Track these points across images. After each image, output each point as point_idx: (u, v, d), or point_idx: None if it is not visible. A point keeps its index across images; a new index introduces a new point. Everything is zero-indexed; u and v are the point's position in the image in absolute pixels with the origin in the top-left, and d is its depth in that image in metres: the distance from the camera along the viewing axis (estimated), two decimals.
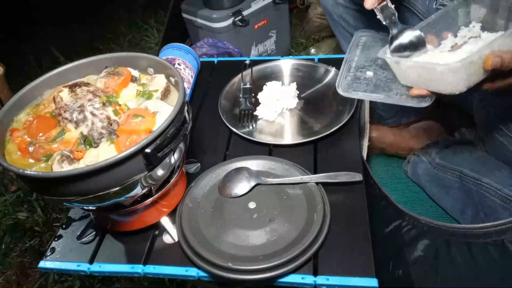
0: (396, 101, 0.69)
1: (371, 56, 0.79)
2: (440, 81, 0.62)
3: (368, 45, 0.82)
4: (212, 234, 0.60)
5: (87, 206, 0.57)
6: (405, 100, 0.68)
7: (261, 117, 0.82)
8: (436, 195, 1.06)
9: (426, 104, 0.66)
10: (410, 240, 0.79)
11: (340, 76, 0.75)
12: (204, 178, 0.69)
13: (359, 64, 0.78)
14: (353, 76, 0.76)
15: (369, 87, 0.73)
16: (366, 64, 0.78)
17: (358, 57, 0.79)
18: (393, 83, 0.72)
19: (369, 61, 0.78)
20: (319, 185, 0.65)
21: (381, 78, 0.74)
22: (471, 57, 0.59)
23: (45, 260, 0.64)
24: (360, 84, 0.74)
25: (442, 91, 0.64)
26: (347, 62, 0.78)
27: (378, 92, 0.71)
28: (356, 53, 0.80)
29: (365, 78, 0.75)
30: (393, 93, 0.70)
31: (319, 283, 0.55)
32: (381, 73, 0.75)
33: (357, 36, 0.84)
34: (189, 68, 0.90)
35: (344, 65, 0.77)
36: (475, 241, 0.72)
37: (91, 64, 0.66)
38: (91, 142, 0.54)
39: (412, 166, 1.13)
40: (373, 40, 0.82)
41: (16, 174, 0.48)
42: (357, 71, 0.77)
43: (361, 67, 0.77)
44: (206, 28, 1.52)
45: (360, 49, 0.81)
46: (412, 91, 0.67)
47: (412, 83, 0.68)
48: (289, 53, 1.77)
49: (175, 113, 0.52)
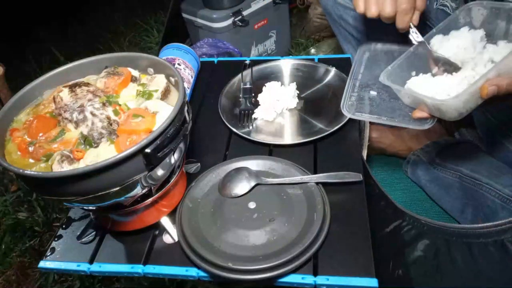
0: (399, 123, 0.70)
1: (376, 73, 0.79)
2: (439, 111, 0.65)
3: (373, 60, 0.82)
4: (212, 234, 0.60)
5: (87, 206, 0.57)
6: (407, 122, 0.70)
7: (261, 117, 0.82)
8: (436, 195, 1.06)
9: (428, 126, 0.68)
10: (410, 240, 0.79)
11: (344, 95, 0.76)
12: (204, 178, 0.69)
13: (363, 83, 0.79)
14: (357, 96, 0.77)
15: (373, 108, 0.74)
16: (370, 83, 0.78)
17: (362, 74, 0.80)
18: (397, 102, 0.74)
19: (373, 79, 0.78)
20: (319, 185, 0.65)
21: (384, 98, 0.76)
22: (468, 90, 0.61)
23: (45, 260, 0.64)
24: (364, 104, 0.75)
25: (442, 117, 0.66)
26: (352, 79, 0.79)
27: (382, 114, 0.73)
28: (360, 70, 0.81)
29: (369, 98, 0.76)
30: (396, 114, 0.72)
31: (319, 283, 0.55)
32: (385, 92, 0.76)
33: (361, 51, 0.84)
34: (189, 68, 0.90)
35: (348, 83, 0.78)
36: (475, 241, 0.72)
37: (91, 64, 0.66)
38: (91, 142, 0.54)
39: (412, 166, 1.13)
40: (377, 55, 0.83)
41: (16, 174, 0.48)
42: (361, 90, 0.78)
43: (365, 86, 0.78)
44: (206, 28, 1.52)
45: (364, 66, 0.82)
46: (415, 113, 0.68)
47: (414, 105, 0.70)
48: (289, 53, 1.77)
49: (175, 113, 0.52)
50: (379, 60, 0.81)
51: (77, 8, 2.26)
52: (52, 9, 2.18)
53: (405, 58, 0.74)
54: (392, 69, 0.72)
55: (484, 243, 0.71)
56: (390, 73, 0.72)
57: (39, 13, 2.21)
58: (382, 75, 0.71)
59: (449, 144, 1.09)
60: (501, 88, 0.60)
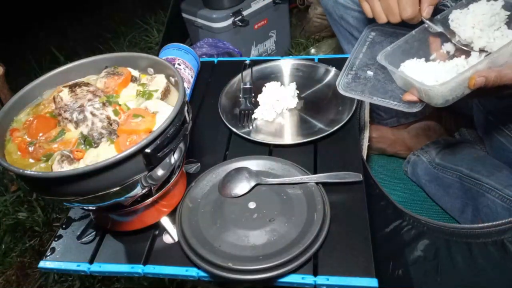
0: (388, 104, 0.70)
1: (377, 53, 0.78)
2: (427, 96, 0.65)
3: (376, 41, 0.82)
4: (212, 234, 0.60)
5: (87, 206, 0.56)
6: (397, 104, 0.69)
7: (261, 117, 0.82)
8: (436, 195, 1.06)
9: (416, 109, 0.67)
10: (410, 240, 0.79)
11: (342, 73, 0.76)
12: (204, 178, 0.69)
13: (363, 62, 0.78)
14: (354, 74, 0.76)
15: (367, 87, 0.74)
16: (369, 63, 0.78)
17: (363, 54, 0.80)
18: (390, 84, 0.73)
19: (373, 59, 0.78)
20: (319, 185, 0.65)
21: (379, 78, 0.75)
22: (456, 79, 0.61)
23: (45, 260, 0.64)
24: (359, 83, 0.75)
25: (428, 102, 0.66)
26: (352, 59, 0.79)
27: (374, 94, 0.72)
28: (362, 50, 0.81)
29: (364, 77, 0.76)
30: (387, 95, 0.71)
31: (319, 283, 0.55)
32: (381, 73, 0.76)
33: (367, 31, 0.84)
34: (189, 68, 0.90)
35: (348, 62, 0.78)
36: (475, 241, 0.72)
37: (91, 64, 0.66)
38: (91, 142, 0.54)
39: (412, 166, 1.13)
40: (383, 35, 0.83)
41: (16, 174, 0.48)
42: (359, 69, 0.77)
43: (364, 65, 0.78)
44: (206, 28, 1.52)
45: (367, 46, 0.81)
46: (405, 96, 0.68)
47: (406, 88, 0.70)
48: (289, 53, 1.77)
49: (175, 113, 0.52)
50: (383, 41, 0.81)
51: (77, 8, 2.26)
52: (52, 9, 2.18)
53: (405, 41, 0.73)
54: (391, 50, 0.72)
55: (484, 243, 0.71)
56: (389, 54, 0.71)
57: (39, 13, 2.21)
58: (380, 55, 0.71)
59: (449, 144, 1.09)
60: (488, 80, 0.60)
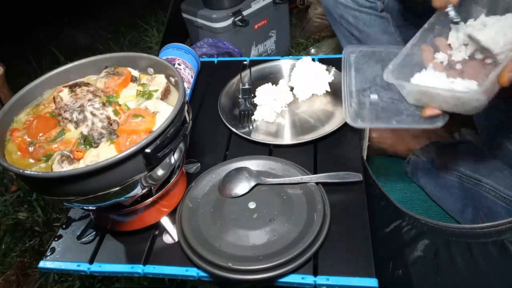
0: (409, 124, 0.67)
1: (368, 75, 0.76)
2: (459, 104, 0.61)
3: (361, 63, 0.79)
4: (212, 234, 0.60)
5: (87, 206, 0.56)
6: (418, 122, 0.66)
7: (261, 118, 0.82)
8: (436, 195, 1.06)
9: (441, 124, 0.64)
10: (410, 240, 0.79)
11: (344, 104, 0.72)
12: (204, 178, 0.69)
13: (359, 87, 0.75)
14: (357, 102, 0.73)
15: (378, 112, 0.70)
16: (366, 86, 0.75)
17: (355, 78, 0.77)
18: (401, 102, 0.69)
19: (368, 82, 0.75)
20: (319, 185, 0.65)
21: (386, 100, 0.72)
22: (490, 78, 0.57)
23: (45, 260, 0.64)
24: (367, 110, 0.71)
25: (459, 111, 0.62)
26: (346, 86, 0.75)
27: (390, 117, 0.69)
28: (351, 74, 0.77)
29: (370, 102, 0.72)
30: (403, 116, 0.68)
31: (319, 283, 0.55)
32: (385, 94, 0.73)
33: (347, 53, 0.81)
34: (189, 68, 0.90)
35: (344, 90, 0.74)
36: (475, 241, 0.72)
37: (91, 64, 0.66)
38: (91, 142, 0.54)
39: (412, 166, 1.13)
40: (363, 57, 0.80)
41: (16, 174, 0.48)
42: (359, 95, 0.74)
43: (362, 90, 0.75)
44: (206, 28, 1.52)
45: (354, 69, 0.78)
46: (425, 112, 0.64)
47: (422, 102, 0.66)
48: (289, 53, 1.77)
49: (175, 113, 0.52)
50: (367, 62, 0.79)
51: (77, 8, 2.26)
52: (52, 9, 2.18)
53: (403, 57, 0.71)
54: (393, 67, 0.69)
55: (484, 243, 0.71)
56: (393, 71, 0.68)
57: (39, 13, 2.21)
58: (386, 73, 0.67)
59: (449, 144, 1.09)
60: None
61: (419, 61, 0.72)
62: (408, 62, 0.71)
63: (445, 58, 0.71)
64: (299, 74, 0.85)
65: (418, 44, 0.72)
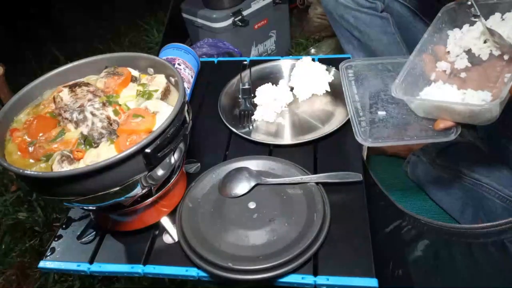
0: (422, 139, 0.67)
1: (371, 90, 0.75)
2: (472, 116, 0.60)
3: (361, 78, 0.78)
4: (212, 234, 0.60)
5: (87, 206, 0.57)
6: (431, 136, 0.65)
7: (261, 118, 0.82)
8: (436, 195, 1.06)
9: (454, 136, 0.63)
10: (410, 240, 0.79)
11: (353, 123, 0.70)
12: (204, 178, 0.69)
13: (364, 104, 0.74)
14: (366, 120, 0.71)
15: (389, 129, 0.69)
16: (372, 102, 0.74)
17: (358, 95, 0.76)
18: (410, 116, 0.69)
19: (372, 98, 0.74)
20: (319, 185, 0.65)
21: (394, 115, 0.71)
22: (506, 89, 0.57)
23: (45, 260, 0.64)
24: (378, 128, 0.70)
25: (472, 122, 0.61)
26: (350, 103, 0.74)
27: (401, 134, 0.68)
28: (354, 91, 0.76)
29: (379, 119, 0.71)
30: (417, 131, 0.67)
31: (319, 283, 0.55)
32: (393, 108, 0.72)
33: (343, 68, 0.81)
34: (189, 68, 0.90)
35: (350, 109, 0.73)
36: (475, 241, 0.72)
37: (91, 64, 0.66)
38: (91, 142, 0.54)
39: (412, 166, 1.13)
40: (361, 71, 0.80)
41: (16, 174, 0.48)
42: (366, 113, 0.72)
43: (368, 107, 0.73)
44: (206, 28, 1.52)
45: (354, 85, 0.77)
46: (438, 124, 0.63)
47: (433, 115, 0.65)
48: (289, 53, 1.78)
49: (175, 113, 0.52)
50: (366, 77, 0.78)
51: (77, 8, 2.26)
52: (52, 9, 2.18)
53: (408, 70, 0.69)
54: (399, 82, 0.67)
55: (484, 243, 0.71)
56: (400, 85, 0.67)
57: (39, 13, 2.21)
58: (394, 89, 0.66)
59: (449, 144, 1.09)
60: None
61: (423, 72, 0.71)
62: (413, 74, 0.70)
63: (447, 66, 0.69)
64: (299, 74, 0.85)
65: (419, 54, 0.71)
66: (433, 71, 0.70)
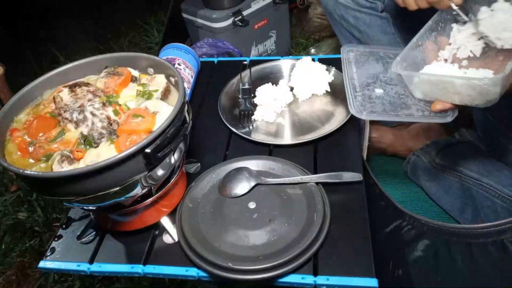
0: (419, 119, 0.66)
1: (370, 72, 0.75)
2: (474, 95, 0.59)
3: (361, 61, 0.78)
4: (212, 234, 0.60)
5: (87, 206, 0.57)
6: (428, 117, 0.65)
7: (261, 118, 0.82)
8: (435, 195, 1.06)
9: (450, 118, 0.63)
10: (410, 240, 0.79)
11: (348, 97, 0.70)
12: (204, 178, 0.69)
13: (362, 82, 0.73)
14: (362, 95, 0.71)
15: (385, 106, 0.69)
16: (370, 81, 0.74)
17: (356, 74, 0.75)
18: (407, 97, 0.68)
19: (371, 78, 0.74)
20: (319, 185, 0.65)
21: (392, 94, 0.71)
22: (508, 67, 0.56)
23: (45, 260, 0.64)
24: (375, 103, 0.69)
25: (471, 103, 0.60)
26: (348, 80, 0.74)
27: (397, 111, 0.67)
28: (353, 70, 0.76)
29: (376, 96, 0.71)
30: (413, 110, 0.66)
31: (319, 283, 0.55)
32: (390, 89, 0.72)
33: (345, 51, 0.81)
34: (189, 68, 0.90)
35: (347, 84, 0.72)
36: (475, 241, 0.72)
37: (91, 64, 0.66)
38: (91, 142, 0.54)
39: (412, 166, 1.13)
40: (362, 55, 0.80)
41: (16, 174, 0.48)
42: (363, 89, 0.72)
43: (366, 84, 0.73)
44: (206, 28, 1.52)
45: (354, 65, 0.77)
46: (435, 106, 0.62)
47: (431, 97, 0.64)
48: (289, 53, 1.78)
49: (175, 113, 0.52)
50: (367, 60, 0.78)
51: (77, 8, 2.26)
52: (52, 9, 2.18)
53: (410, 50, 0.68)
54: (401, 59, 0.67)
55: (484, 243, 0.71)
56: (401, 62, 0.66)
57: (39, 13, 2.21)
58: (394, 64, 0.65)
59: (449, 144, 1.09)
60: None
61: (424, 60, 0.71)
62: (414, 57, 0.69)
63: (449, 55, 0.69)
64: (299, 74, 0.85)
65: (423, 39, 0.70)
66: (434, 59, 0.70)
